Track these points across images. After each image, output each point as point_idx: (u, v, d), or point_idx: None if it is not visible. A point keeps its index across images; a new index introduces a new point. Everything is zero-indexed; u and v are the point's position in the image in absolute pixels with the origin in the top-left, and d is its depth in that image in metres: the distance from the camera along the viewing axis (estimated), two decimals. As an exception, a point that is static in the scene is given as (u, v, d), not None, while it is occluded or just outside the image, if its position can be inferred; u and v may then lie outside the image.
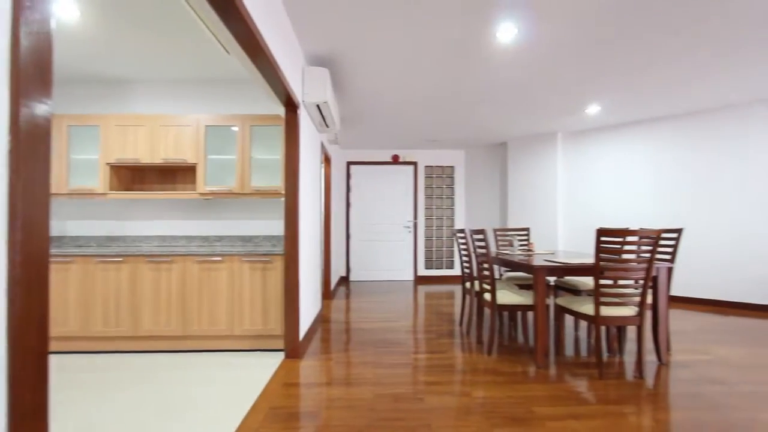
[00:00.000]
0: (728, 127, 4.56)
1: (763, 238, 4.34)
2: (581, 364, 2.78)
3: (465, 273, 3.71)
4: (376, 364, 2.77)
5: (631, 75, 3.53)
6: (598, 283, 2.44)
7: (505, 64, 3.26)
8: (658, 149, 5.04)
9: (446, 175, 7.03)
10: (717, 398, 2.23)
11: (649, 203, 5.10)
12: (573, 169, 5.75)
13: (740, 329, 3.68)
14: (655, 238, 2.34)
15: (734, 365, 2.75)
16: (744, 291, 4.45)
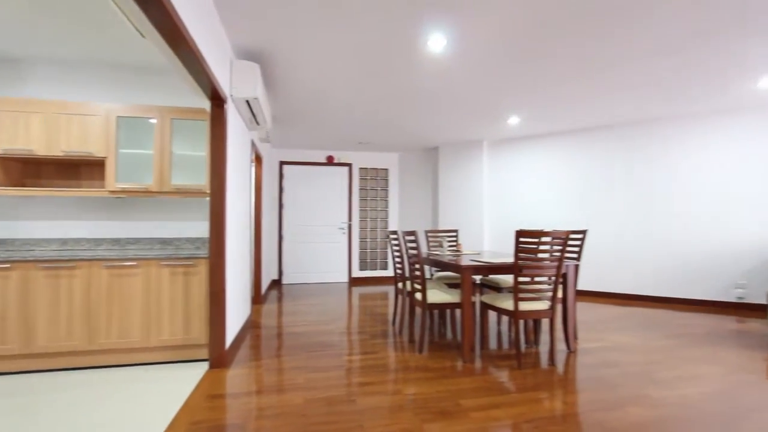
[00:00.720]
0: (631, 140, 5.22)
1: (654, 238, 5.03)
2: (503, 356, 2.98)
3: (397, 274, 3.79)
4: (309, 369, 2.72)
5: (545, 91, 3.88)
6: (517, 281, 2.64)
7: (435, 73, 3.39)
8: (569, 159, 5.60)
9: (381, 178, 7.13)
10: (612, 379, 2.54)
11: (562, 207, 5.64)
12: (497, 174, 6.17)
13: (634, 318, 4.22)
14: (564, 239, 2.59)
15: (627, 349, 3.14)
16: (639, 284, 5.12)
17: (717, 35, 2.76)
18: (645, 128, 5.10)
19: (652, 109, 4.54)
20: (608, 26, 2.63)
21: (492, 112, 4.62)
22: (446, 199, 6.44)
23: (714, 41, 2.85)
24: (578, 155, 5.53)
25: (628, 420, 2.00)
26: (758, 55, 3.08)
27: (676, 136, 4.92)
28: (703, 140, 4.77)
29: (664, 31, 2.70)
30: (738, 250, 4.56)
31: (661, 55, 3.07)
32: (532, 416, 2.04)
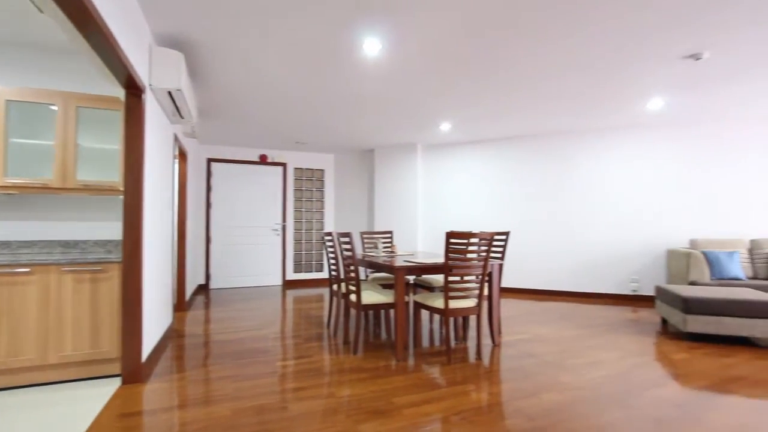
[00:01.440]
0: (549, 149, 5.71)
1: (567, 239, 5.56)
2: (435, 353, 3.10)
3: (332, 275, 3.76)
4: (238, 377, 2.59)
5: (474, 100, 4.12)
6: (447, 280, 2.76)
7: (371, 76, 3.43)
8: (496, 164, 5.99)
9: (316, 178, 7.03)
10: (531, 368, 2.76)
11: (489, 210, 6.02)
12: (431, 178, 6.40)
13: (551, 311, 4.63)
14: (489, 240, 2.77)
15: (544, 341, 3.44)
16: (554, 281, 5.62)
17: (617, 60, 3.14)
18: (560, 139, 5.63)
19: (567, 121, 5.02)
20: (531, 43, 2.86)
21: (425, 117, 4.79)
22: (382, 201, 6.53)
23: (614, 65, 3.23)
24: (504, 161, 5.94)
25: (543, 406, 2.18)
26: (647, 80, 3.55)
27: (585, 147, 5.50)
28: (607, 152, 5.39)
29: (578, 51, 3.01)
30: (633, 250, 5.22)
31: (574, 72, 3.41)
32: (460, 408, 2.14)
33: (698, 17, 2.50)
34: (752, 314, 3.17)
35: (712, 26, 2.61)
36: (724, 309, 3.23)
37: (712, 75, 3.44)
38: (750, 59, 3.11)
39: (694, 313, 3.31)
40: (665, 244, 5.08)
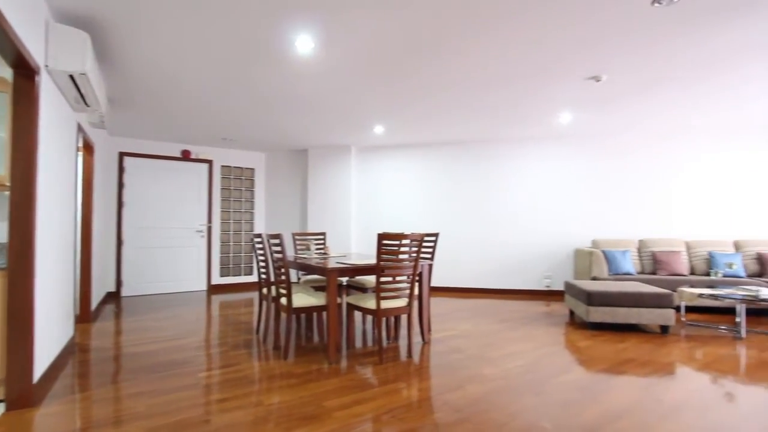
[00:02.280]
0: (475, 155, 6.05)
1: (490, 239, 5.94)
2: (367, 353, 3.12)
3: (262, 279, 3.62)
4: (153, 393, 2.37)
5: (406, 106, 4.24)
6: (379, 281, 2.80)
7: (303, 75, 3.37)
8: (428, 168, 6.22)
9: (246, 177, 6.71)
10: (457, 363, 2.90)
11: (421, 212, 6.22)
12: (365, 179, 6.45)
13: (475, 308, 4.91)
14: (420, 241, 2.86)
15: (469, 336, 3.64)
16: (478, 278, 5.98)
17: (533, 77, 3.44)
18: (485, 146, 6.01)
19: (492, 130, 5.38)
20: (458, 56, 3.02)
21: (360, 119, 4.81)
22: (315, 202, 6.44)
23: (531, 82, 3.54)
24: (435, 165, 6.19)
25: (467, 397, 2.31)
26: (558, 97, 3.94)
27: (507, 154, 5.94)
28: (525, 160, 5.87)
29: (501, 67, 3.23)
30: (547, 250, 5.75)
31: (497, 85, 3.67)
32: (391, 407, 2.18)
33: (596, 45, 2.83)
34: (639, 304, 3.66)
35: (608, 54, 2.97)
36: (618, 300, 3.69)
37: (608, 95, 3.91)
38: (639, 83, 3.60)
39: (595, 305, 3.73)
40: (573, 244, 5.67)
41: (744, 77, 3.45)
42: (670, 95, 3.92)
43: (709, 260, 4.81)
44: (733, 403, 2.24)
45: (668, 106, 4.29)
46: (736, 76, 3.42)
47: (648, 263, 5.03)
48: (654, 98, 4.01)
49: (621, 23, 2.56)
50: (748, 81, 3.54)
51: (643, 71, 3.32)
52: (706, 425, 1.98)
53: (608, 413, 2.11)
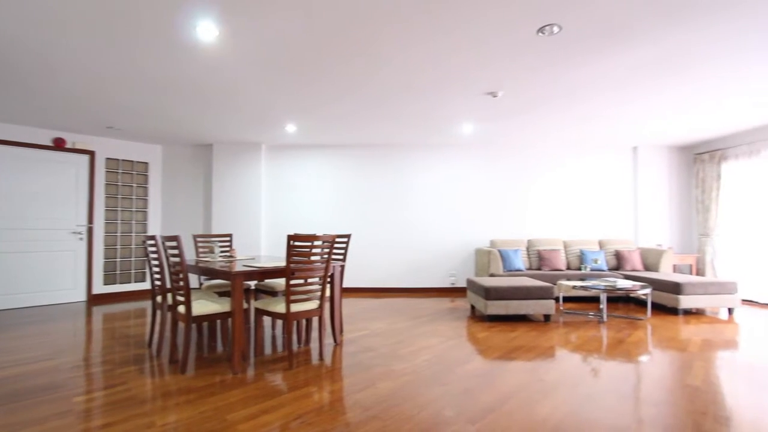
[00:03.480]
0: (389, 158, 6.22)
1: (400, 240, 6.16)
2: (277, 359, 3.01)
3: (156, 286, 3.27)
4: (10, 427, 1.98)
5: (320, 106, 4.20)
6: (289, 283, 2.73)
7: (207, 64, 3.13)
8: (342, 169, 6.23)
9: (138, 172, 6.00)
10: (369, 361, 2.96)
11: (335, 213, 6.20)
12: (277, 179, 6.22)
13: (387, 307, 5.05)
14: (331, 242, 2.86)
15: (381, 334, 3.73)
16: (390, 278, 6.16)
17: (441, 88, 3.67)
18: (397, 150, 6.23)
19: (403, 135, 5.59)
20: (370, 62, 3.08)
21: (269, 116, 4.63)
22: (221, 202, 6.01)
23: (439, 92, 3.77)
24: (349, 167, 6.23)
25: (378, 394, 2.37)
26: (462, 108, 4.27)
27: (418, 159, 6.23)
28: (434, 165, 6.23)
29: (411, 77, 3.38)
30: (452, 249, 6.18)
31: (409, 94, 3.83)
32: (300, 412, 2.14)
33: (492, 65, 3.14)
34: (527, 297, 4.13)
35: (501, 73, 3.31)
36: (511, 294, 4.12)
37: (504, 109, 4.36)
38: (529, 101, 4.07)
39: (492, 299, 4.12)
40: (474, 244, 6.18)
41: (611, 100, 4.12)
42: (554, 113, 4.50)
43: (580, 256, 5.63)
44: (598, 377, 2.65)
45: (552, 122, 4.92)
46: (606, 98, 4.07)
47: (535, 260, 5.70)
48: (541, 114, 4.57)
49: (511, 47, 2.87)
50: (615, 104, 4.24)
51: (532, 90, 3.76)
52: (578, 398, 2.31)
53: (501, 396, 2.34)
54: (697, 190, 6.05)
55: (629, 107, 4.27)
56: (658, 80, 3.50)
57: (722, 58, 3.05)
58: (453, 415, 2.10)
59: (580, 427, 1.97)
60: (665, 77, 3.44)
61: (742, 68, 3.24)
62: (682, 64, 3.17)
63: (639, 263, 5.48)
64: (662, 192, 6.22)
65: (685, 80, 3.50)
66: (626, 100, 4.05)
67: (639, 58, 3.05)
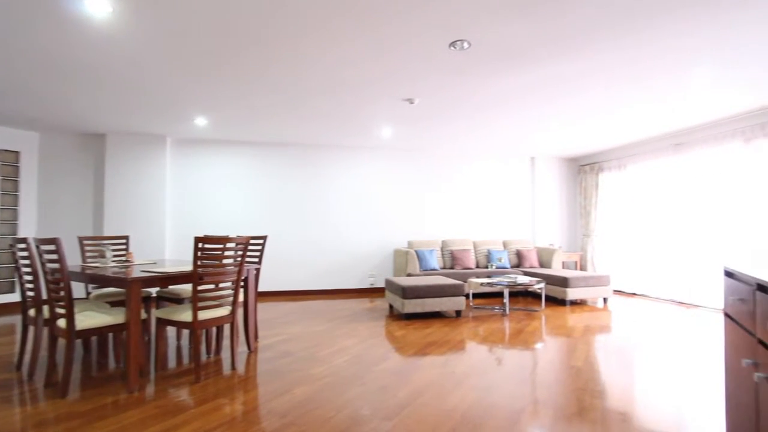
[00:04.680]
0: (308, 158, 6.09)
1: (320, 242, 6.08)
2: (182, 372, 2.76)
3: (28, 297, 2.78)
4: None
5: (234, 100, 3.97)
6: (196, 289, 2.52)
7: (98, 42, 2.76)
8: (259, 168, 5.95)
9: (6, 163, 5.05)
10: (286, 367, 2.87)
11: (251, 213, 5.90)
12: (184, 176, 5.71)
13: (306, 310, 4.94)
14: (245, 244, 2.71)
15: (299, 338, 3.64)
16: (309, 280, 6.04)
17: (361, 91, 3.71)
18: (319, 150, 6.15)
19: (325, 136, 5.54)
20: (287, 60, 3.00)
21: (175, 107, 4.24)
22: (116, 200, 5.34)
23: (356, 96, 3.81)
24: (267, 166, 5.98)
25: (294, 400, 2.30)
26: (381, 112, 4.37)
27: (339, 160, 6.22)
28: (355, 167, 6.28)
29: (330, 77, 3.36)
30: (371, 250, 6.28)
31: (328, 96, 3.80)
32: (209, 427, 1.99)
33: (407, 73, 3.27)
34: (441, 294, 4.37)
35: (417, 81, 3.47)
36: (426, 292, 4.32)
37: (421, 115, 4.56)
38: (442, 109, 4.32)
39: (409, 298, 4.27)
40: (393, 245, 6.36)
41: (512, 115, 4.55)
42: (465, 122, 4.84)
43: (487, 256, 6.13)
44: (501, 365, 2.90)
45: (463, 130, 5.28)
46: (508, 112, 4.48)
47: (448, 260, 6.05)
48: (454, 122, 4.87)
49: (426, 57, 3.02)
50: (515, 118, 4.69)
51: (445, 99, 4.00)
52: (484, 385, 2.50)
53: (415, 390, 2.43)
54: (580, 196, 6.98)
55: (527, 121, 4.78)
56: (549, 100, 3.97)
57: (597, 87, 3.57)
58: (370, 413, 2.13)
59: (485, 412, 2.14)
60: (555, 98, 3.91)
61: (614, 95, 3.83)
62: (567, 89, 3.64)
63: (536, 261, 6.14)
64: (554, 198, 7.06)
65: (570, 102, 4.03)
66: (524, 115, 4.52)
67: (534, 79, 3.42)
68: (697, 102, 4.06)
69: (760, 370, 1.24)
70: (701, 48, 2.86)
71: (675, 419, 2.07)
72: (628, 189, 6.12)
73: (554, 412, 2.15)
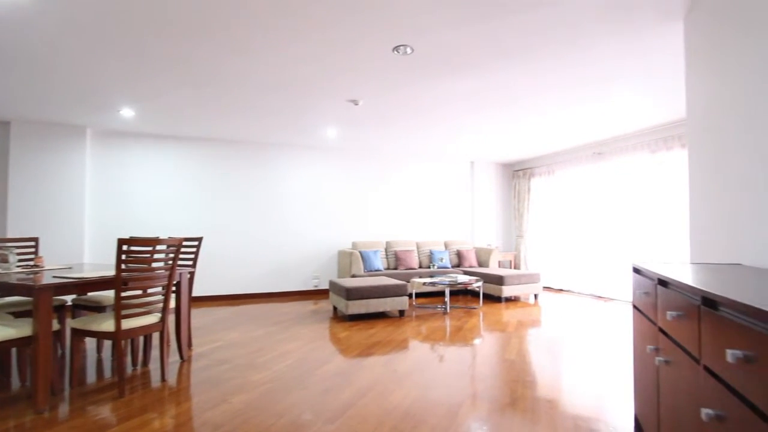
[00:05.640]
0: (250, 157, 5.83)
1: (261, 243, 5.86)
2: (104, 388, 2.51)
3: None
4: None
5: (165, 92, 3.70)
6: (119, 296, 2.31)
7: (2, 16, 2.44)
8: (195, 165, 5.59)
9: None
10: (222, 375, 2.72)
11: (186, 213, 5.52)
12: (109, 173, 5.21)
13: (246, 314, 4.74)
14: (177, 246, 2.54)
15: (237, 344, 3.48)
16: (250, 284, 5.79)
17: (302, 92, 3.64)
18: (259, 148, 5.93)
19: (267, 133, 5.35)
20: (228, 51, 2.86)
21: (97, 95, 3.87)
22: (23, 197, 4.73)
23: (301, 95, 3.74)
24: (204, 163, 5.64)
25: (232, 409, 2.20)
26: (327, 112, 4.33)
27: (281, 159, 6.05)
28: (298, 166, 6.14)
29: (278, 74, 3.26)
30: (315, 251, 6.18)
31: (275, 92, 3.68)
32: (133, 446, 1.83)
33: (351, 74, 3.28)
34: (385, 295, 4.42)
35: (361, 83, 3.49)
36: (370, 293, 4.35)
37: (365, 117, 4.59)
38: (386, 111, 4.37)
39: (353, 299, 4.27)
40: (337, 246, 6.31)
41: (452, 120, 4.73)
42: (408, 125, 4.94)
43: (430, 256, 6.31)
44: (442, 361, 3.00)
45: (407, 133, 5.39)
46: (448, 117, 4.65)
47: (392, 260, 6.14)
48: (398, 125, 4.96)
49: (370, 60, 3.05)
50: (455, 124, 4.88)
51: (389, 102, 4.05)
52: (425, 382, 2.57)
53: (358, 391, 2.44)
54: (514, 200, 7.44)
55: (465, 127, 5.00)
56: (484, 108, 4.20)
57: (528, 98, 3.84)
58: (312, 417, 2.09)
59: (426, 408, 2.20)
60: (490, 106, 4.14)
61: (544, 107, 4.14)
62: (501, 98, 3.87)
63: (475, 260, 6.44)
64: (492, 200, 7.46)
65: (504, 111, 4.29)
66: (462, 121, 4.73)
67: (471, 87, 3.59)
68: (613, 117, 4.52)
69: (660, 355, 1.41)
70: (618, 69, 3.19)
71: (595, 402, 2.28)
72: (556, 193, 6.64)
73: (490, 404, 2.26)
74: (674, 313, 1.21)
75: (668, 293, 1.30)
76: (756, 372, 0.74)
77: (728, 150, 1.87)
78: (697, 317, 1.04)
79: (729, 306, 0.86)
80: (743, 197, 1.74)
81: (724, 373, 0.88)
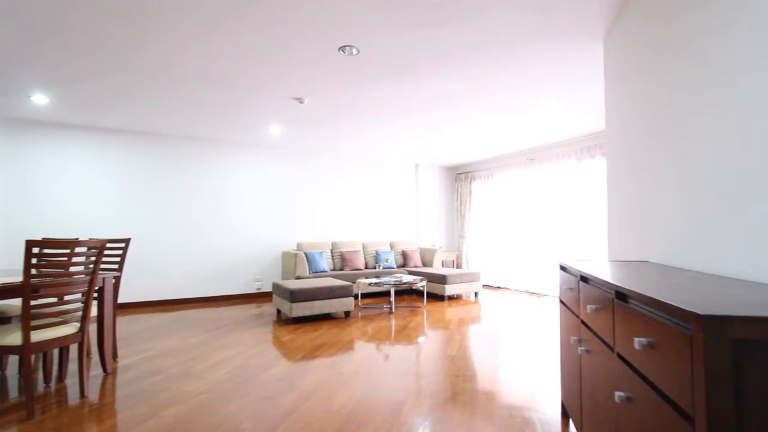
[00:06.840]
0: (185, 153, 5.46)
1: (203, 245, 5.53)
2: (8, 409, 2.22)
3: None
4: None
5: (91, 77, 3.37)
6: (28, 305, 2.06)
7: None
8: (123, 160, 5.13)
9: None
10: (153, 387, 2.53)
11: (111, 214, 5.05)
12: (19, 166, 4.62)
13: (180, 321, 4.44)
14: (100, 248, 2.32)
15: (170, 353, 3.25)
16: (184, 288, 5.43)
17: (250, 87, 3.50)
18: (198, 145, 5.59)
19: (206, 129, 5.06)
20: (160, 37, 2.67)
21: (1, 76, 3.42)
22: None
23: (241, 89, 3.59)
24: (134, 158, 5.20)
25: (163, 423, 2.05)
26: (270, 110, 4.20)
27: (221, 157, 5.75)
28: (239, 165, 5.89)
29: (218, 68, 3.09)
30: (258, 252, 5.96)
31: (213, 86, 3.49)
32: (43, 472, 1.64)
33: (296, 72, 3.22)
34: (330, 296, 4.38)
35: (306, 81, 3.44)
36: (315, 295, 4.28)
37: (310, 116, 4.52)
38: (334, 110, 4.34)
39: (297, 301, 4.17)
40: (281, 247, 6.14)
41: (397, 123, 4.81)
42: (354, 125, 4.94)
43: (376, 256, 6.35)
44: (387, 360, 3.03)
45: (352, 133, 5.39)
46: (393, 120, 4.71)
47: (338, 261, 6.10)
48: (343, 125, 4.94)
49: (315, 59, 3.01)
50: (400, 126, 4.96)
51: (335, 101, 4.03)
52: (370, 382, 2.58)
53: (302, 395, 2.39)
54: (457, 202, 7.74)
55: (409, 129, 5.11)
56: (426, 112, 4.32)
57: (467, 105, 4.01)
58: (251, 426, 2.01)
59: (371, 408, 2.21)
60: (431, 110, 4.27)
61: (482, 114, 4.35)
62: (441, 103, 4.01)
63: (419, 260, 6.59)
64: (436, 202, 7.69)
65: (444, 115, 4.44)
66: (406, 123, 4.83)
67: (413, 91, 3.68)
68: (543, 126, 4.87)
69: (582, 345, 1.54)
70: (545, 81, 3.44)
71: (528, 392, 2.43)
72: (495, 196, 7.01)
73: (432, 399, 2.33)
74: (594, 306, 1.33)
75: (589, 288, 1.43)
76: (657, 356, 0.84)
77: (639, 159, 2.09)
78: (612, 309, 1.16)
79: (636, 299, 0.96)
80: (651, 201, 1.96)
81: (633, 358, 0.99)
